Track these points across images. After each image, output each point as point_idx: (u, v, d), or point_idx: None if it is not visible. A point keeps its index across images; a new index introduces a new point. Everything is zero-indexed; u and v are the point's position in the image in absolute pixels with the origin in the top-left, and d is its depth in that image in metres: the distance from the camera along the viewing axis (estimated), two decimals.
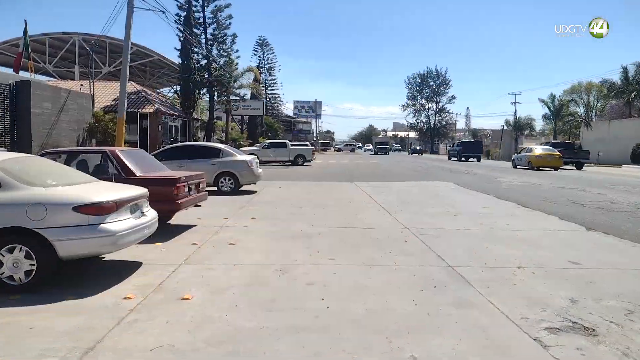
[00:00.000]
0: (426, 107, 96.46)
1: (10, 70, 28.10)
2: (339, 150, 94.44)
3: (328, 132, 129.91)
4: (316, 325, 4.08)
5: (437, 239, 7.76)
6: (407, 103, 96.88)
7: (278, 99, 70.28)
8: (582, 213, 10.72)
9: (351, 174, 24.76)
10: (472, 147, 48.41)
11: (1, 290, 4.79)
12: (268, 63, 67.78)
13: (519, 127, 62.86)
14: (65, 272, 5.43)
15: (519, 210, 11.33)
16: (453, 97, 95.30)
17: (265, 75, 66.20)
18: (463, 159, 46.22)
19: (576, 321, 4.22)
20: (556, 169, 29.08)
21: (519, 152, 34.61)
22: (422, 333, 3.94)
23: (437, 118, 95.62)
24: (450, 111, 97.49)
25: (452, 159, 48.37)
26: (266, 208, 11.26)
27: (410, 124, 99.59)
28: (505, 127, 65.80)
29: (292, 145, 35.41)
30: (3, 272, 4.85)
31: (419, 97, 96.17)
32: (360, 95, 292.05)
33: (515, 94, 65.11)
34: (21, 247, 4.86)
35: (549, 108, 59.33)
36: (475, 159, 46.53)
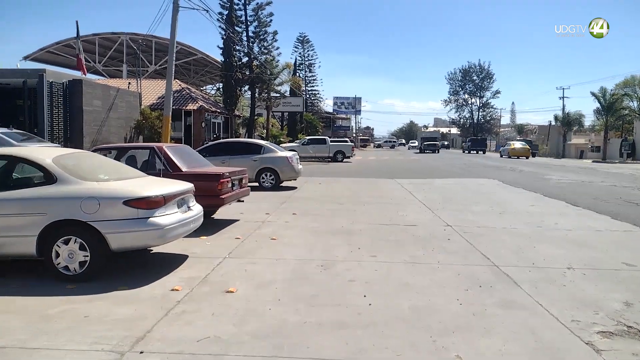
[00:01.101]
0: (469, 102, 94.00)
1: (63, 70, 29.52)
2: (379, 146, 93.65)
3: (367, 128, 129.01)
4: (359, 321, 4.07)
5: (482, 237, 7.58)
6: (449, 98, 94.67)
7: (318, 95, 70.35)
8: (636, 212, 10.20)
9: (391, 170, 24.53)
10: (478, 143, 61.84)
11: (58, 279, 5.05)
12: (308, 60, 67.97)
13: (568, 123, 60.33)
14: (116, 264, 5.65)
15: (568, 209, 10.90)
16: (497, 92, 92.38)
17: (305, 72, 66.45)
18: (473, 151, 59.05)
19: (632, 325, 4.03)
20: (527, 157, 42.81)
21: (504, 146, 52.01)
22: (468, 333, 3.86)
23: (480, 113, 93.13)
24: (494, 106, 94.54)
25: (465, 152, 61.22)
26: (307, 204, 11.32)
27: (453, 119, 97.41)
28: (553, 123, 63.34)
29: (331, 141, 35.41)
30: (59, 263, 5.09)
31: (461, 92, 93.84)
32: (400, 90, 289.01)
33: (563, 88, 62.53)
34: (76, 239, 5.09)
35: (599, 102, 56.65)
36: (481, 152, 59.25)
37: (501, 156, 45.87)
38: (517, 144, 46.59)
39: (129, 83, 28.41)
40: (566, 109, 61.96)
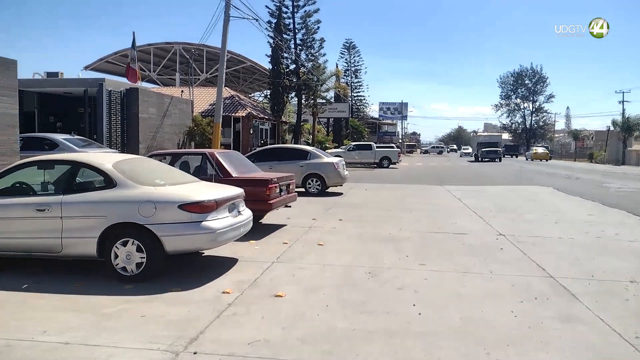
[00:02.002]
0: (521, 106, 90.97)
1: (120, 79, 30.92)
2: (426, 152, 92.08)
3: (414, 134, 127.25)
4: (409, 330, 4.01)
5: (537, 247, 7.30)
6: (500, 103, 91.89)
7: (364, 101, 70.25)
8: None
9: (440, 177, 24.08)
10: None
11: (117, 279, 5.27)
12: (354, 65, 67.99)
13: (628, 128, 56.93)
14: (170, 266, 5.85)
15: (630, 219, 10.31)
16: (551, 96, 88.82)
17: (351, 78, 66.50)
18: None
19: None
20: (547, 160, 50.48)
21: (529, 151, 58.38)
22: (524, 347, 3.72)
23: (533, 118, 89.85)
24: (548, 111, 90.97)
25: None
26: (353, 210, 11.30)
27: (504, 124, 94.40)
28: (612, 128, 60.16)
29: (377, 147, 35.20)
30: (118, 263, 5.33)
31: (513, 97, 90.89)
32: (447, 95, 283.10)
33: (623, 92, 59.40)
34: (133, 241, 5.31)
35: None
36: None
37: (526, 159, 53.69)
38: (539, 149, 55.76)
39: (182, 91, 29.43)
40: (626, 113, 58.75)
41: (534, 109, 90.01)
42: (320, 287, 5.21)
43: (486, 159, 45.98)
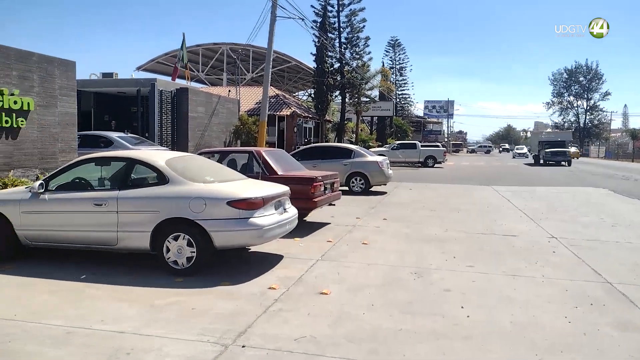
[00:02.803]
0: (575, 105, 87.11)
1: (170, 79, 31.93)
2: (472, 151, 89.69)
3: (460, 132, 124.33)
4: (456, 333, 3.93)
5: (592, 251, 6.98)
6: (552, 101, 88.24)
7: (408, 99, 69.43)
8: None
9: (487, 176, 23.43)
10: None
11: (168, 272, 5.46)
12: (399, 63, 67.29)
13: None
14: (218, 261, 5.99)
15: None
16: (607, 94, 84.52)
17: (395, 76, 65.83)
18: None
19: None
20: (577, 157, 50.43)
21: None
22: (578, 353, 3.57)
23: (587, 117, 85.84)
24: (603, 109, 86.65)
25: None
26: (397, 209, 11.19)
27: (556, 123, 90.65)
28: None
29: (422, 146, 34.69)
30: (169, 257, 5.51)
31: (566, 94, 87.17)
32: (496, 93, 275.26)
33: None
34: (184, 236, 5.47)
35: None
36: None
37: None
38: (572, 149, 50.08)
39: (229, 91, 30.10)
40: None
41: (588, 107, 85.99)
42: (365, 286, 5.20)
43: (551, 162, 36.60)
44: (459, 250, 6.94)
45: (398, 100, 64.55)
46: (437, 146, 37.59)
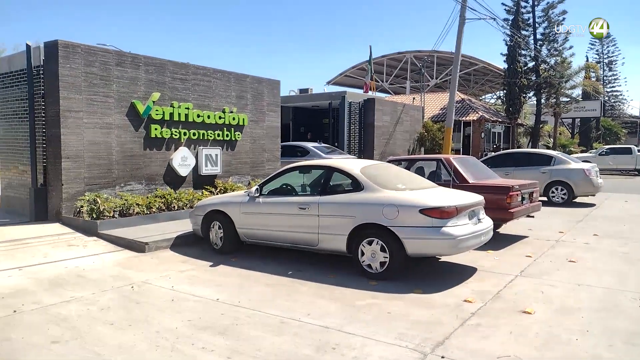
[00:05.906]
0: None
1: (357, 90, 33.47)
2: None
3: None
4: None
5: None
6: None
7: (620, 97, 60.03)
8: None
9: None
10: None
11: (362, 275, 5.72)
12: (608, 57, 58.72)
13: None
14: (410, 268, 6.04)
15: None
16: None
17: (603, 71, 57.60)
18: None
19: None
20: None
21: None
22: None
23: None
24: None
25: None
26: (611, 225, 9.72)
27: None
28: None
29: (638, 151, 29.52)
30: (364, 260, 5.77)
31: None
32: None
33: None
34: (377, 241, 5.67)
35: None
36: None
37: None
38: None
39: (413, 98, 30.17)
40: None
41: None
42: (575, 309, 4.66)
43: None
44: None
45: (607, 98, 56.32)
46: None
